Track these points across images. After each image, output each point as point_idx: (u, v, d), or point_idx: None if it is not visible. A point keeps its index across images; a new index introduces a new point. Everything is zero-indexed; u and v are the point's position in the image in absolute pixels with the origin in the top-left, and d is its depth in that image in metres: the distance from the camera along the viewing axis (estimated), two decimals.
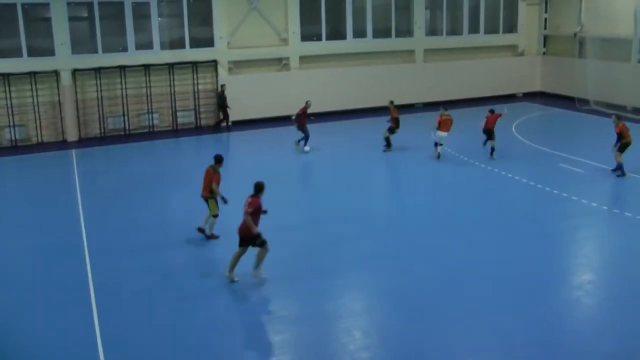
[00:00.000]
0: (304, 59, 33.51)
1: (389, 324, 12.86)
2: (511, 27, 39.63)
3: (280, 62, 33.39)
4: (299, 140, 26.50)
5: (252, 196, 14.13)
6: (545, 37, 40.60)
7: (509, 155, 25.24)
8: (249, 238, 14.08)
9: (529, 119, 32.47)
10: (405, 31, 36.16)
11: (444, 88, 36.59)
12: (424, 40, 36.47)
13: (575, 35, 37.79)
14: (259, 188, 14.17)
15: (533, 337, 11.98)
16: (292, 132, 27.68)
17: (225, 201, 16.15)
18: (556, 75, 38.94)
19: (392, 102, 26.41)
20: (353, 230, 17.71)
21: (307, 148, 26.22)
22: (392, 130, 25.99)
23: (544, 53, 40.65)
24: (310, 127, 26.79)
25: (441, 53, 37.06)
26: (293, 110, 28.77)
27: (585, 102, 35.12)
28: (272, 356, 11.75)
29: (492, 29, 38.82)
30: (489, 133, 24.34)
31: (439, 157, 24.92)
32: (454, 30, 37.75)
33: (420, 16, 36.07)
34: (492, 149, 24.38)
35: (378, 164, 25.53)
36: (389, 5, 35.40)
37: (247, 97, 31.78)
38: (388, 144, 26.09)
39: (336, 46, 34.16)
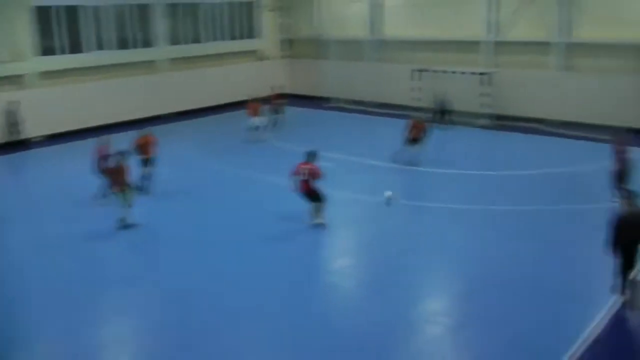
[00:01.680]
0: (44, 74, 31.77)
1: None
2: (253, 33, 40.80)
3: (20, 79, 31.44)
4: None
5: (304, 163, 17.60)
6: (287, 41, 42.44)
7: (260, 155, 26.22)
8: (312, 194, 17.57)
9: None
10: (146, 41, 35.69)
11: (191, 97, 36.79)
12: (167, 50, 36.37)
13: (314, 38, 40.09)
14: (312, 155, 17.72)
15: (295, 322, 12.72)
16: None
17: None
18: (300, 77, 40.86)
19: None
20: None
21: None
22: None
23: (286, 56, 42.45)
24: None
25: (184, 62, 37.16)
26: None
27: (327, 100, 37.28)
28: None
29: (234, 35, 39.71)
30: (414, 140, 24.11)
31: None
32: (195, 38, 38.05)
33: (160, 25, 35.96)
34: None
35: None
36: (127, 15, 34.70)
37: None
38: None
39: (76, 60, 32.57)
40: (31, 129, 30.24)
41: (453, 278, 14.95)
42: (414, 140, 23.83)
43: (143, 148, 21.44)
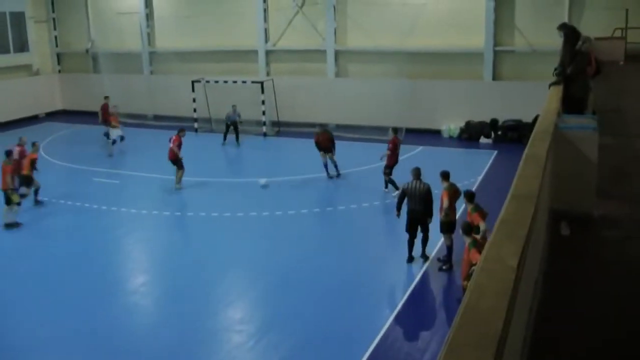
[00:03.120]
0: None
1: None
2: (22, 46, 38.96)
3: None
4: None
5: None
6: (59, 55, 41.08)
7: (41, 178, 25.33)
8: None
9: (55, 139, 32.57)
10: None
11: None
12: None
13: (87, 51, 39.16)
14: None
15: (100, 348, 12.53)
16: None
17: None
18: (75, 92, 39.55)
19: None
20: None
21: None
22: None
23: (59, 71, 41.09)
24: None
25: None
26: None
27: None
28: None
29: (2, 49, 37.64)
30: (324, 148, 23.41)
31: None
32: None
33: None
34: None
35: None
36: None
37: None
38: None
39: None
40: None
41: (247, 285, 15.34)
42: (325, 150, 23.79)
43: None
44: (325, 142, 23.12)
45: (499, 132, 28.28)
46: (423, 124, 29.92)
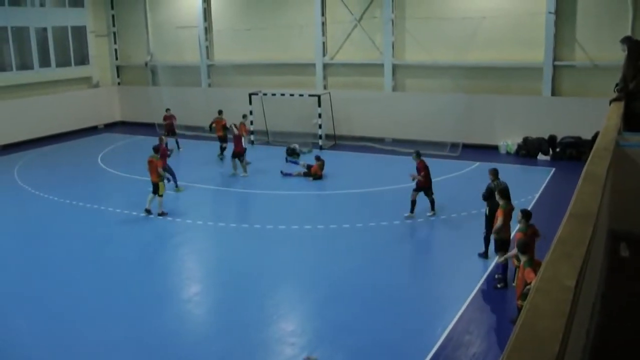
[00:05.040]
0: None
1: None
2: (83, 59, 39.97)
3: None
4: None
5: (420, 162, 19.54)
6: (118, 68, 42.00)
7: (100, 187, 25.87)
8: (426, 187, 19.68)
9: (114, 150, 33.24)
10: None
11: (21, 127, 35.35)
12: None
13: (146, 64, 39.97)
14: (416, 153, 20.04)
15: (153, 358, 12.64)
16: None
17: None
18: (133, 104, 40.45)
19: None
20: None
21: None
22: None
23: (119, 83, 41.98)
24: None
25: (13, 90, 35.80)
26: None
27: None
28: None
29: (63, 62, 38.64)
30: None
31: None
32: (24, 65, 36.75)
33: None
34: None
35: None
36: None
37: None
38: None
39: None
40: None
41: (299, 297, 15.34)
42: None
43: None
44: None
45: (557, 149, 27.81)
46: (480, 139, 29.67)
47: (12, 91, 35.69)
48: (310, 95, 31.75)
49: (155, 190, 21.36)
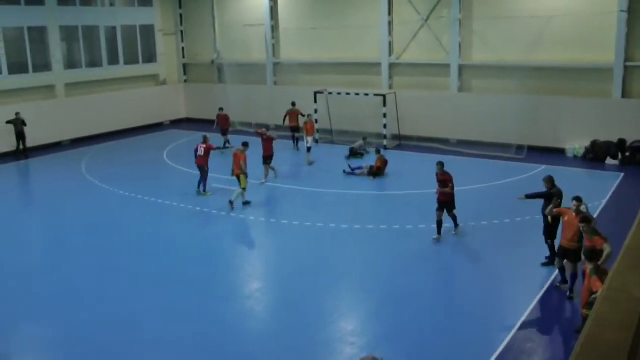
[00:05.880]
0: None
1: None
2: (151, 57, 40.68)
3: None
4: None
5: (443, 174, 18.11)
6: (185, 66, 42.63)
7: (165, 182, 26.28)
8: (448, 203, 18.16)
9: (178, 146, 33.69)
10: (43, 65, 35.11)
11: (90, 122, 36.28)
12: (64, 74, 35.79)
13: (212, 62, 40.49)
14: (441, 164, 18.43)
15: (213, 353, 12.82)
16: None
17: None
18: (199, 101, 41.01)
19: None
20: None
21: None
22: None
23: (185, 81, 42.59)
24: None
25: (83, 86, 36.68)
26: None
27: (230, 124, 37.51)
28: None
29: (131, 60, 39.41)
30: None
31: (310, 163, 28.01)
32: (94, 62, 37.61)
33: (57, 49, 35.31)
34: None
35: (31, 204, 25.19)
36: (22, 38, 34.00)
37: None
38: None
39: None
40: None
41: (360, 298, 15.31)
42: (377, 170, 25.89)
43: None
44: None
45: (627, 154, 27.04)
46: (546, 142, 29.13)
47: (82, 88, 36.64)
48: (375, 95, 31.66)
49: (239, 183, 22.07)
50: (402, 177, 26.01)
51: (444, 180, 18.11)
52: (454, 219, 18.65)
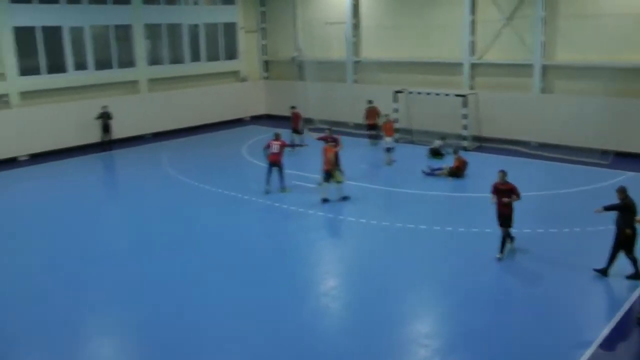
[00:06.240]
0: (25, 95, 31.97)
1: None
2: (232, 54, 41.24)
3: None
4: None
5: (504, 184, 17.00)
6: (266, 62, 43.04)
7: (242, 177, 26.55)
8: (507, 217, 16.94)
9: (257, 141, 33.90)
10: (128, 62, 36.07)
11: (172, 117, 37.22)
12: (147, 70, 36.69)
13: (293, 59, 40.72)
14: (504, 172, 17.23)
15: (287, 349, 12.87)
16: None
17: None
18: (279, 98, 41.26)
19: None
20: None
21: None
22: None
23: (265, 77, 43.00)
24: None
25: (165, 82, 37.56)
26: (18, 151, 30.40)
27: (309, 121, 37.63)
28: None
29: (213, 57, 40.10)
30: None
31: (389, 164, 27.76)
32: (176, 59, 38.40)
33: (141, 46, 36.27)
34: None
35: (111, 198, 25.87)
36: (108, 36, 35.09)
37: None
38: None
39: (57, 80, 32.89)
40: (16, 148, 31.05)
41: (436, 299, 15.17)
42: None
43: None
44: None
45: None
46: (634, 147, 28.10)
47: (164, 83, 37.53)
48: (456, 95, 31.29)
49: (327, 178, 22.42)
50: (482, 179, 25.41)
51: (506, 190, 16.97)
52: (509, 239, 17.44)
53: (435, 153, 29.12)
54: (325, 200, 22.42)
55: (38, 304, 15.21)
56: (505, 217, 17.06)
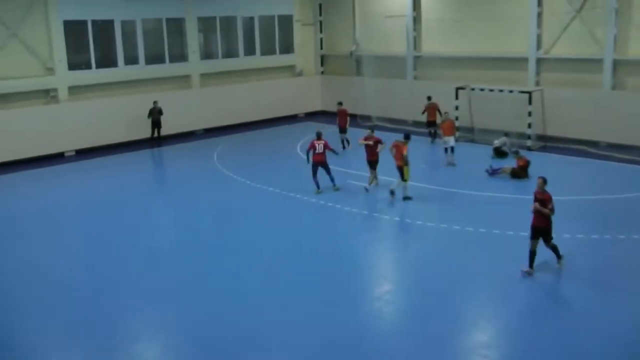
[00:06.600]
0: (73, 89, 32.39)
1: None
2: (288, 48, 41.11)
3: (47, 94, 32.03)
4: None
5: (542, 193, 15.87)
6: (322, 57, 42.78)
7: (296, 175, 26.29)
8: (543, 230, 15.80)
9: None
10: (180, 56, 36.23)
11: (224, 112, 37.27)
12: (200, 65, 36.79)
13: (351, 54, 40.35)
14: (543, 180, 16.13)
15: (338, 352, 12.62)
16: None
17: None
18: (335, 94, 40.61)
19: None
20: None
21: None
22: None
23: (322, 72, 42.75)
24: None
25: (218, 77, 37.61)
26: (65, 146, 30.76)
27: (367, 118, 37.25)
28: None
29: (268, 50, 40.03)
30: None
31: (451, 164, 27.27)
32: (230, 53, 38.45)
33: (194, 40, 36.39)
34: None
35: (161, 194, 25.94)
36: (160, 29, 35.30)
37: (9, 136, 30.01)
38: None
39: (107, 74, 33.26)
40: (64, 143, 31.45)
41: (496, 308, 14.74)
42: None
43: None
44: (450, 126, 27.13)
45: None
46: None
47: (217, 78, 37.64)
48: (520, 92, 30.54)
49: (401, 175, 22.21)
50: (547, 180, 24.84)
51: (543, 199, 15.81)
52: (554, 249, 16.28)
53: (500, 152, 28.39)
54: (407, 198, 22.47)
55: (80, 301, 15.37)
56: (538, 230, 15.89)
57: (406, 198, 22.35)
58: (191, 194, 24.51)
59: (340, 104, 31.95)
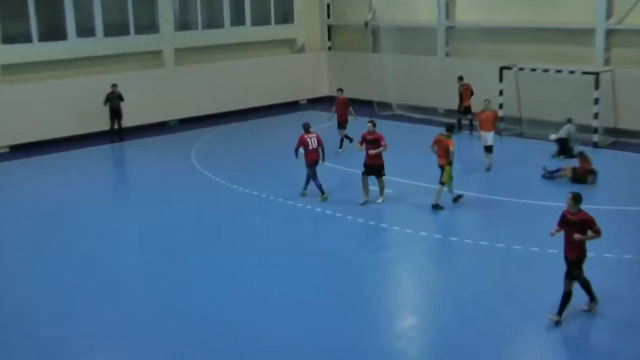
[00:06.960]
0: (8, 68, 32.02)
1: None
2: (286, 17, 41.10)
3: None
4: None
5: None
6: (330, 28, 42.71)
7: (295, 179, 26.26)
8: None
9: (318, 132, 33.73)
10: (148, 26, 36.18)
11: (204, 99, 37.27)
12: (174, 37, 36.79)
13: (366, 24, 40.23)
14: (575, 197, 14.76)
15: None
16: None
17: None
18: (347, 75, 40.73)
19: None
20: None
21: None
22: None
23: (329, 48, 42.72)
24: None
25: (197, 53, 37.61)
26: None
27: (386, 106, 37.18)
28: None
29: (261, 20, 40.02)
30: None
31: (488, 168, 26.95)
32: (213, 23, 38.42)
33: (167, 5, 36.33)
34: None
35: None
36: None
37: None
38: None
39: (53, 50, 33.00)
40: None
41: (549, 346, 14.72)
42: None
43: None
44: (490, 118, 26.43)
45: None
46: None
47: (196, 54, 37.68)
48: (584, 73, 30.46)
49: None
50: (617, 185, 24.83)
51: (578, 222, 14.75)
52: (584, 285, 15.25)
53: (565, 147, 28.11)
54: (457, 199, 23.01)
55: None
56: (571, 261, 14.99)
57: (436, 207, 22.31)
58: (162, 203, 24.44)
59: (340, 90, 31.26)
